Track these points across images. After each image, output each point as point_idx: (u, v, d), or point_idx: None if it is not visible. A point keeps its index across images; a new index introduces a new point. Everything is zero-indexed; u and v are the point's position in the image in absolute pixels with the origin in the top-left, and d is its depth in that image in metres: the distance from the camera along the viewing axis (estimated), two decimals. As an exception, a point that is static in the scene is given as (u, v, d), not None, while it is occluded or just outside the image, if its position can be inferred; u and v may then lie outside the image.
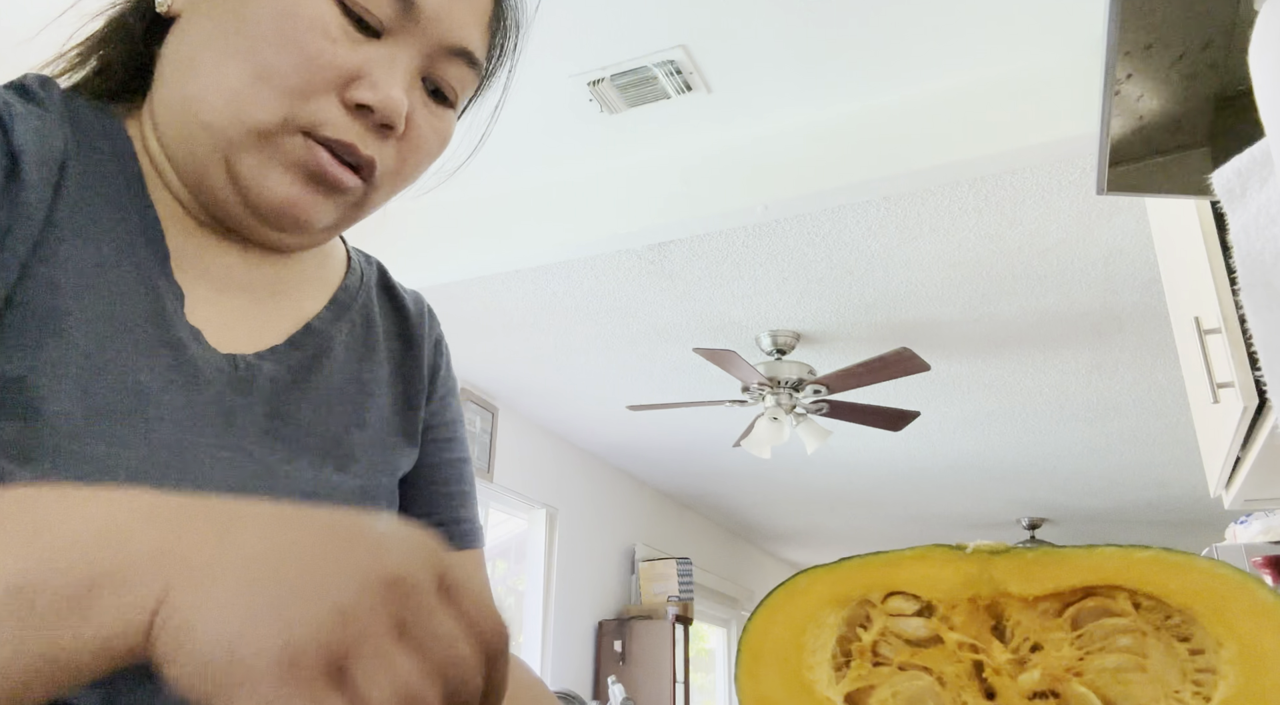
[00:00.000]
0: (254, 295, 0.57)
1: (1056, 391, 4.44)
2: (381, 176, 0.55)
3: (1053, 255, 3.22)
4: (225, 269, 0.56)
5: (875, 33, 2.36)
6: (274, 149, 0.51)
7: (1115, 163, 0.78)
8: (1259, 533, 2.10)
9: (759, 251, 3.26)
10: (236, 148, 0.51)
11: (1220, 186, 0.51)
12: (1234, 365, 1.38)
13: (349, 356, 0.60)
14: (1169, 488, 5.96)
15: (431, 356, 0.68)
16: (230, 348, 0.54)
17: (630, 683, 5.21)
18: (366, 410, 0.60)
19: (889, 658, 0.42)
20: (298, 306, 0.59)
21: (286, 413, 0.54)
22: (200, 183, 0.53)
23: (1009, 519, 7.00)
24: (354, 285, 0.65)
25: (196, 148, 0.52)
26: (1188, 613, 0.38)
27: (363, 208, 0.57)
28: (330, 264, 0.64)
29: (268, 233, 0.55)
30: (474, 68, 0.58)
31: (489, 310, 3.75)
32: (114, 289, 0.49)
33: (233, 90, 0.50)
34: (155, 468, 0.47)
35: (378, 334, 0.64)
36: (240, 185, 0.52)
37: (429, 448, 0.65)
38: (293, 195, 0.52)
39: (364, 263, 0.68)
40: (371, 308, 0.65)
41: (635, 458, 5.71)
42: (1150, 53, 0.68)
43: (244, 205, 0.53)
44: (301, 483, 0.53)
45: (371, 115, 0.52)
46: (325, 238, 0.59)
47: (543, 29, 2.35)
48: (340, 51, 0.51)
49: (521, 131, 2.78)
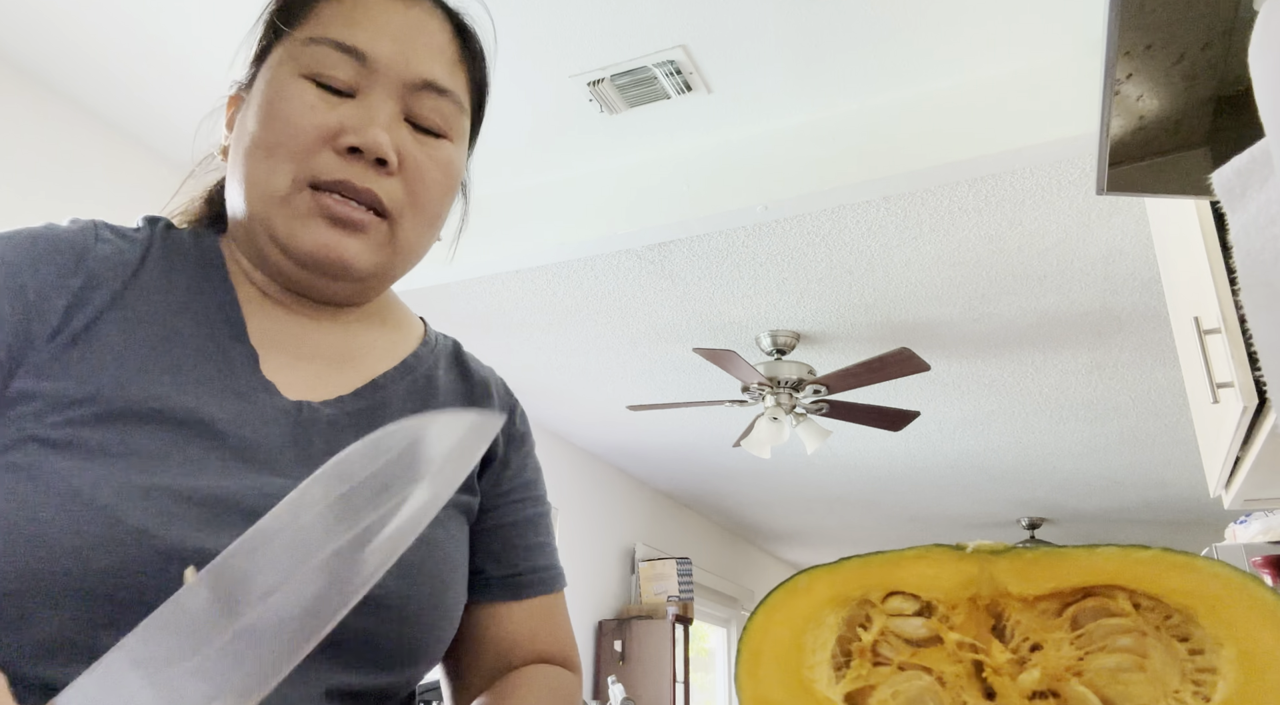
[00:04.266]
0: (328, 360, 0.67)
1: (1056, 392, 4.44)
2: (397, 209, 0.64)
3: (1052, 255, 3.22)
4: (300, 338, 0.66)
5: (875, 33, 2.36)
6: (294, 208, 0.61)
7: (1115, 163, 0.78)
8: (1259, 533, 2.10)
9: (759, 251, 3.26)
10: (270, 218, 0.62)
11: (1220, 186, 0.51)
12: (1234, 365, 1.38)
13: (405, 407, 0.68)
14: (1169, 488, 5.96)
15: (506, 426, 0.74)
16: (300, 396, 0.63)
17: (630, 683, 5.21)
18: None
19: (889, 658, 0.42)
20: (369, 368, 0.68)
21: (341, 447, 0.61)
22: (261, 259, 0.65)
23: (1009, 519, 7.00)
24: (424, 353, 0.73)
25: (251, 234, 0.64)
26: (1188, 613, 0.38)
27: (396, 245, 0.65)
28: (405, 339, 0.73)
29: (325, 283, 0.65)
30: (445, 96, 0.66)
31: (489, 310, 3.75)
32: (184, 353, 0.59)
33: (256, 177, 0.62)
34: (227, 480, 0.55)
35: (437, 390, 0.71)
36: (283, 246, 0.62)
37: (510, 507, 0.72)
38: (322, 239, 0.61)
39: (439, 339, 0.77)
40: (436, 371, 0.73)
41: (635, 458, 5.71)
42: (1150, 53, 0.68)
43: (293, 263, 0.63)
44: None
45: (363, 156, 0.61)
46: (378, 284, 0.68)
47: (543, 29, 2.35)
48: (321, 114, 0.61)
49: (522, 132, 2.78)
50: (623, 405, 4.73)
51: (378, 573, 0.38)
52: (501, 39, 2.38)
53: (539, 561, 0.72)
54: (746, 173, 2.75)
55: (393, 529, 0.39)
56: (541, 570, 0.72)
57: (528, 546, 0.72)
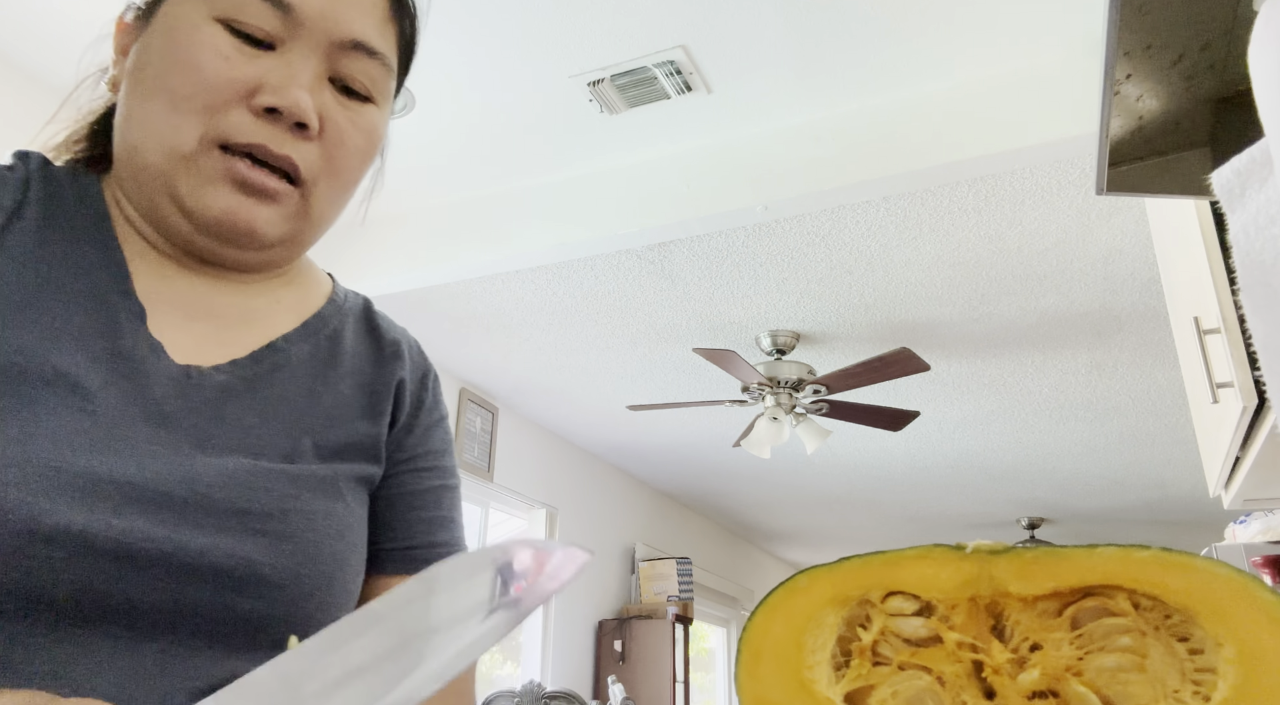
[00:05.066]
0: (224, 320, 0.61)
1: (1056, 391, 4.44)
2: (313, 177, 0.58)
3: (1052, 255, 3.22)
4: (195, 298, 0.60)
5: (875, 33, 2.36)
6: (200, 168, 0.56)
7: (1115, 163, 0.78)
8: (1258, 532, 2.10)
9: (759, 251, 3.26)
10: (172, 176, 0.56)
11: (1219, 187, 0.51)
12: (1233, 365, 1.38)
13: (306, 372, 0.62)
14: (1168, 488, 5.96)
15: (415, 389, 0.69)
16: (189, 361, 0.57)
17: (630, 682, 5.21)
18: (315, 419, 0.61)
19: (889, 657, 0.42)
20: (269, 329, 0.63)
21: (231, 416, 0.57)
22: (157, 218, 0.58)
23: (1009, 519, 7.00)
24: (329, 313, 0.67)
25: (145, 188, 0.58)
26: (1187, 612, 0.38)
27: (309, 214, 0.60)
28: (309, 297, 0.67)
29: (229, 251, 0.59)
30: (375, 58, 0.61)
31: (489, 310, 3.75)
32: (57, 304, 0.53)
33: (157, 127, 0.56)
34: (89, 443, 0.49)
35: (342, 354, 0.65)
36: (185, 209, 0.56)
37: (411, 476, 0.66)
38: (230, 206, 0.56)
39: (348, 298, 0.71)
40: (343, 333, 0.67)
41: (635, 458, 5.71)
42: (1150, 53, 0.68)
43: (194, 228, 0.57)
44: (230, 472, 0.54)
45: (281, 118, 0.56)
46: (287, 252, 0.62)
47: (543, 29, 2.35)
48: (237, 67, 0.55)
49: (522, 132, 2.78)
50: (623, 405, 4.73)
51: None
52: (501, 39, 2.38)
53: (439, 537, 0.66)
54: (746, 173, 2.75)
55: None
56: (441, 546, 0.66)
57: (428, 520, 0.66)
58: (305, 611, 0.54)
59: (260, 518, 0.53)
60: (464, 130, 2.77)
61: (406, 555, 0.64)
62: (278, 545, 0.53)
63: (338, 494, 0.58)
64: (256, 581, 0.51)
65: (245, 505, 0.53)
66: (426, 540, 0.65)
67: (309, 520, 0.55)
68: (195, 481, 0.51)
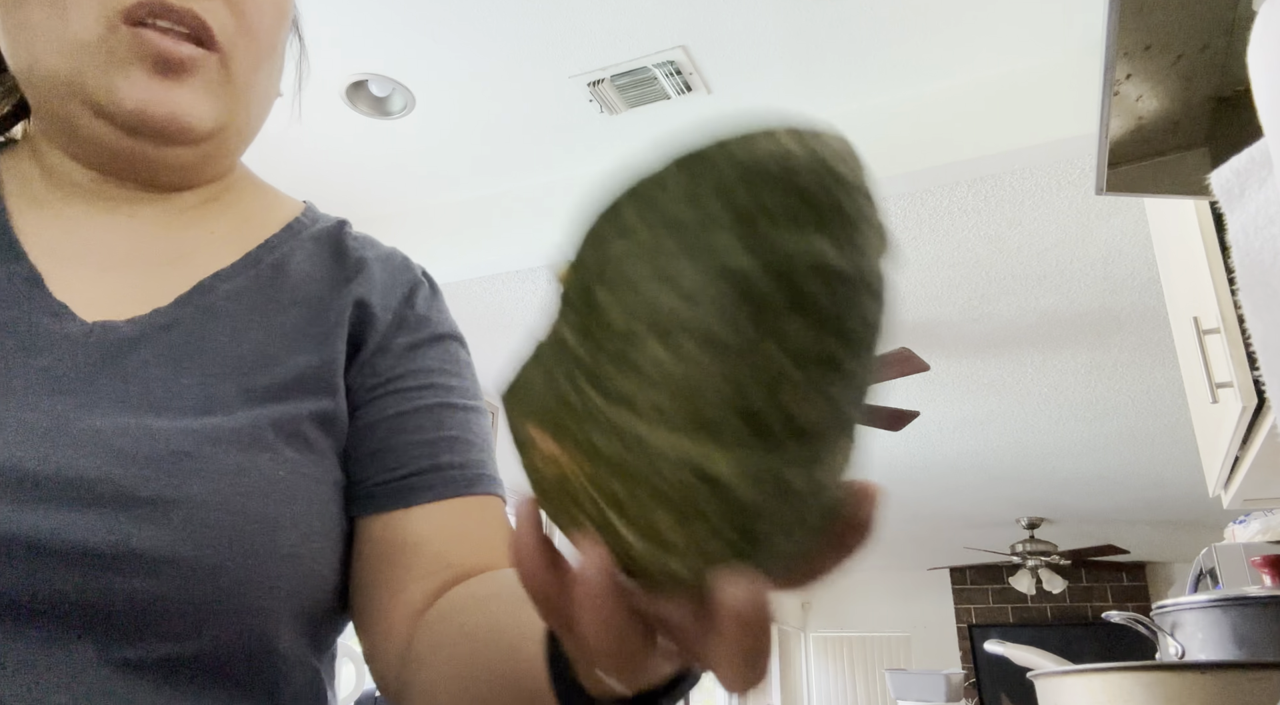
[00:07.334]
0: (147, 265, 0.55)
1: (1055, 392, 4.44)
2: (227, 38, 0.53)
3: (1052, 255, 3.22)
4: (110, 245, 0.54)
5: (875, 33, 2.36)
6: (110, 53, 0.50)
7: (1115, 163, 0.79)
8: (1258, 532, 2.11)
9: (759, 251, 3.26)
10: (80, 75, 0.50)
11: (1219, 187, 0.51)
12: (1233, 365, 1.38)
13: (239, 308, 0.55)
14: (1168, 487, 5.97)
15: (393, 304, 0.60)
16: (103, 316, 0.51)
17: (630, 682, 5.21)
18: (244, 361, 0.54)
19: None
20: (201, 268, 0.56)
21: (134, 372, 0.50)
22: (78, 136, 0.53)
23: (1008, 519, 7.00)
24: (282, 239, 0.60)
25: (55, 105, 0.52)
26: None
27: (233, 83, 0.54)
28: (256, 225, 0.60)
29: (160, 152, 0.54)
30: None
31: (489, 310, 3.75)
32: None
33: (46, 28, 0.50)
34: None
35: (285, 282, 0.57)
36: (102, 110, 0.51)
37: (389, 399, 0.57)
38: (148, 92, 0.51)
39: (318, 220, 0.63)
40: (290, 258, 0.59)
41: (635, 458, 5.71)
42: (1149, 53, 0.68)
43: (116, 128, 0.52)
44: (108, 437, 0.47)
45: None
46: (222, 146, 0.57)
47: (542, 29, 2.35)
48: None
49: (521, 132, 2.78)
50: (622, 405, 4.73)
51: None
52: (501, 39, 2.38)
53: (444, 459, 0.56)
54: (746, 173, 2.75)
55: None
56: (448, 469, 0.56)
57: (426, 442, 0.56)
58: (219, 587, 0.45)
59: (139, 483, 0.45)
60: (464, 130, 2.78)
61: (403, 485, 0.55)
62: (162, 514, 0.45)
63: (263, 445, 0.49)
64: (133, 558, 0.43)
65: (119, 473, 0.45)
66: (428, 464, 0.56)
67: (211, 481, 0.46)
68: (59, 453, 0.44)
